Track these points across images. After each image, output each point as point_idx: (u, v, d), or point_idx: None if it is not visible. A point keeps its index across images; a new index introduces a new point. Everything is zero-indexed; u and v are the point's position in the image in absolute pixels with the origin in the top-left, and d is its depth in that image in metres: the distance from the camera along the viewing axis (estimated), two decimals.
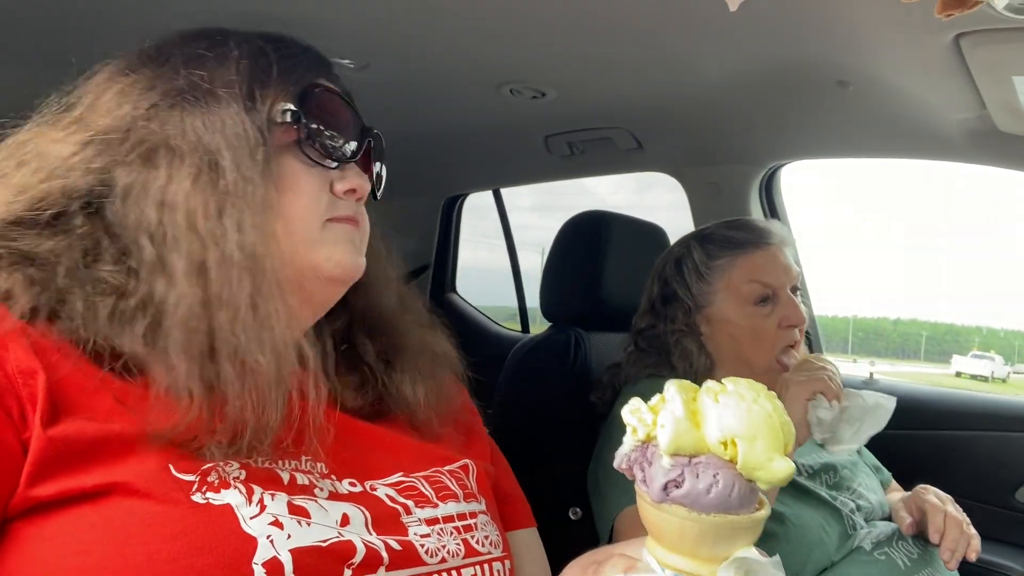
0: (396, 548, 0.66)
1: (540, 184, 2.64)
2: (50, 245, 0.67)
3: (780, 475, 0.49)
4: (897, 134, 1.75)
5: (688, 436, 0.49)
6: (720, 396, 0.50)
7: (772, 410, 0.50)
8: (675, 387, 0.52)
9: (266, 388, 0.65)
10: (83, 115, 0.72)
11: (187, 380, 0.63)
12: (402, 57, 1.59)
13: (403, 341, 0.85)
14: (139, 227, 0.67)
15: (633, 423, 0.52)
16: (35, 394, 0.59)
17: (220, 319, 0.65)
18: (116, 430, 0.60)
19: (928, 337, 66.12)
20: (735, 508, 0.48)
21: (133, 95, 0.72)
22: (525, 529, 0.90)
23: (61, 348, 0.63)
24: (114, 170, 0.69)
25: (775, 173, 2.19)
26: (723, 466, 0.49)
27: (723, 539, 0.48)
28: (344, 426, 0.75)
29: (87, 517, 0.57)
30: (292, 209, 0.72)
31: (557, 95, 1.77)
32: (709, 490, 0.48)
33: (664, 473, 0.49)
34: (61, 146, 0.70)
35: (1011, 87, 1.30)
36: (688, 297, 1.46)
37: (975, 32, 1.18)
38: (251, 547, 0.58)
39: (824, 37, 1.35)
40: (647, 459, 0.51)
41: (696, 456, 0.49)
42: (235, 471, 0.62)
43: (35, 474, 0.57)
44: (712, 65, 1.53)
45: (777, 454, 0.49)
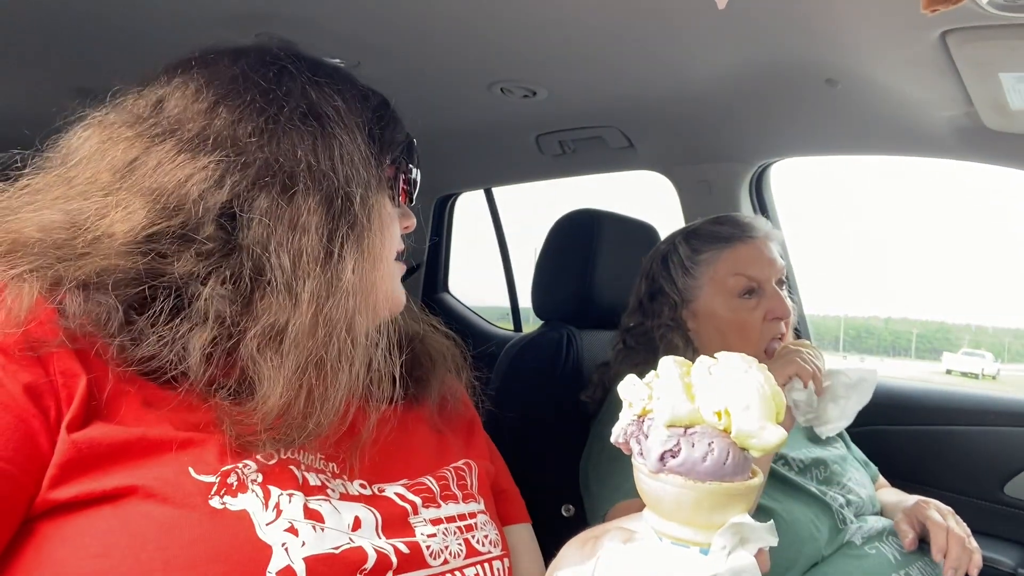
0: (404, 551, 0.67)
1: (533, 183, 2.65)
2: (187, 267, 0.66)
3: (772, 442, 0.50)
4: (885, 131, 1.76)
5: (683, 407, 0.51)
6: (713, 369, 0.52)
7: (763, 380, 0.51)
8: (670, 361, 0.54)
9: (335, 394, 0.67)
10: (176, 127, 0.70)
11: (273, 387, 0.65)
12: (392, 56, 1.59)
13: (409, 343, 0.86)
14: (267, 249, 0.68)
15: (629, 398, 0.54)
16: (72, 395, 0.60)
17: (319, 336, 0.67)
18: (139, 434, 0.60)
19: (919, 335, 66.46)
20: (729, 475, 0.50)
21: (240, 111, 0.71)
22: (520, 525, 0.91)
23: (102, 352, 0.63)
24: (244, 192, 0.69)
25: (765, 171, 2.20)
26: (717, 435, 0.50)
27: (719, 506, 0.50)
28: (356, 426, 0.76)
29: (106, 519, 0.57)
30: (386, 242, 0.78)
31: (548, 94, 1.77)
32: (704, 458, 0.50)
33: (661, 444, 0.51)
34: (178, 168, 0.68)
35: (998, 84, 1.31)
36: (674, 292, 1.48)
37: (961, 29, 1.19)
38: (266, 555, 0.59)
39: (812, 35, 1.36)
40: (643, 432, 0.52)
41: (691, 427, 0.51)
42: (253, 473, 0.63)
43: (58, 477, 0.58)
44: (702, 64, 1.54)
45: (769, 422, 0.50)
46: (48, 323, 0.61)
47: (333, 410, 0.67)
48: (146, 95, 0.74)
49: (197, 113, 0.71)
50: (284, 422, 0.65)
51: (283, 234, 0.68)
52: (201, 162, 0.68)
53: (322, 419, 0.66)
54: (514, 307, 3.01)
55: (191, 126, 0.70)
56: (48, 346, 0.60)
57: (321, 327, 0.67)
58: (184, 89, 0.72)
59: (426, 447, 0.81)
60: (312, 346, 0.66)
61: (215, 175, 0.67)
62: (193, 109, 0.71)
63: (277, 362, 0.65)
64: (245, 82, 0.72)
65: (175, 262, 0.66)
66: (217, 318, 0.65)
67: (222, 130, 0.69)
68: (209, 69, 0.74)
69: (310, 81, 0.75)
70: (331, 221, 0.70)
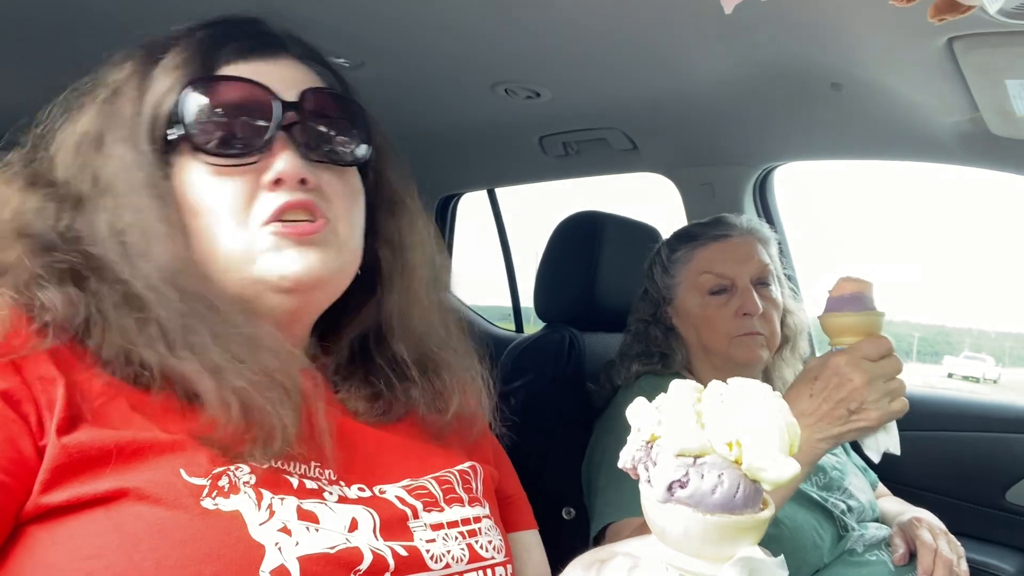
0: (402, 554, 0.66)
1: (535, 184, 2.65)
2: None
3: (785, 476, 0.48)
4: (890, 137, 1.76)
5: (693, 436, 0.49)
6: (725, 396, 0.50)
7: (778, 410, 0.50)
8: (681, 385, 0.52)
9: (275, 399, 0.65)
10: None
11: (208, 390, 0.64)
12: (397, 56, 1.58)
13: (428, 349, 0.83)
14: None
15: (637, 423, 0.52)
16: (53, 401, 0.59)
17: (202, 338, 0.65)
18: (128, 437, 0.60)
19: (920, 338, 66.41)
20: (739, 508, 0.48)
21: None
22: (527, 531, 0.90)
23: (80, 356, 0.63)
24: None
25: (769, 174, 2.20)
26: (728, 467, 0.49)
27: (727, 539, 0.48)
28: (355, 432, 0.75)
29: (98, 522, 0.57)
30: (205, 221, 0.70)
31: (552, 95, 1.77)
32: (714, 491, 0.48)
33: (669, 474, 0.49)
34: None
35: (1003, 90, 1.31)
36: (656, 291, 1.55)
37: (968, 36, 1.19)
38: (259, 554, 0.58)
39: (818, 40, 1.35)
40: (651, 459, 0.51)
41: (701, 456, 0.49)
42: (245, 476, 0.62)
43: (49, 482, 0.57)
44: (706, 66, 1.54)
45: (783, 455, 0.49)
46: (20, 328, 0.61)
47: (289, 420, 0.64)
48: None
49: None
50: (250, 434, 0.63)
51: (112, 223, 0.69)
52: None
53: (285, 429, 0.64)
54: (516, 308, 3.00)
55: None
56: (21, 352, 0.60)
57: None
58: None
59: (429, 449, 0.80)
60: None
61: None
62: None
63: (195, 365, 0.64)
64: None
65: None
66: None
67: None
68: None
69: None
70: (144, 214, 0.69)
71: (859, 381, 0.99)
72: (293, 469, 0.66)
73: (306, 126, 0.73)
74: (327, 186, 0.74)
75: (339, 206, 0.75)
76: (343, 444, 0.71)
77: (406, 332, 0.82)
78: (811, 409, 1.01)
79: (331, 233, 0.73)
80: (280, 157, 0.70)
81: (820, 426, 1.01)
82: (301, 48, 0.79)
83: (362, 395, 0.79)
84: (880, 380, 1.00)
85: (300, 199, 0.71)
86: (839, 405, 1.00)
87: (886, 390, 1.00)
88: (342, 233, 0.75)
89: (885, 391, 1.00)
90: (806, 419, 1.01)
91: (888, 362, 1.01)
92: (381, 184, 0.84)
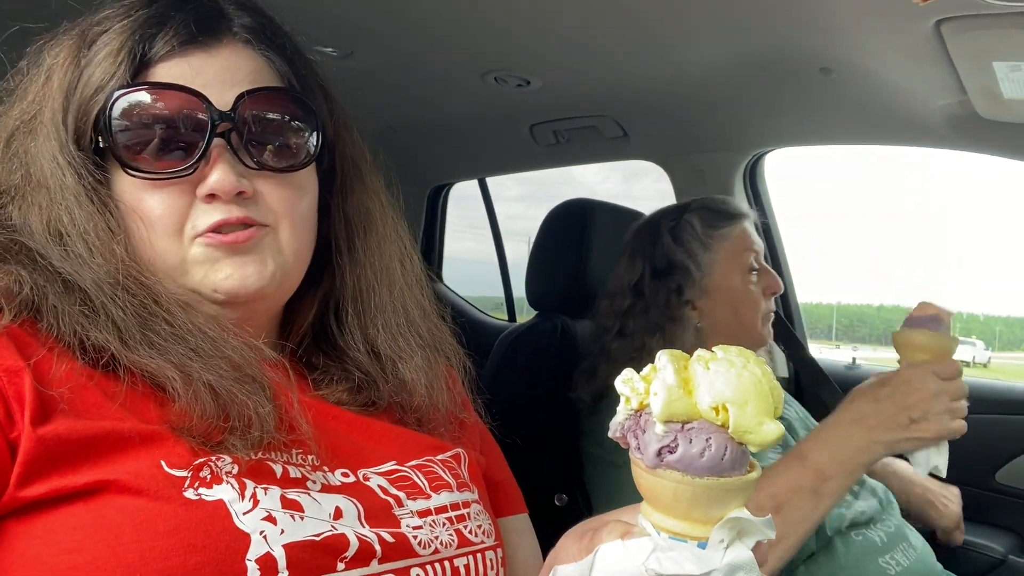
0: (389, 540, 0.66)
1: (526, 173, 2.64)
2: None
3: (770, 437, 0.50)
4: (879, 121, 1.76)
5: (680, 403, 0.50)
6: (711, 363, 0.52)
7: (761, 375, 0.51)
8: (666, 356, 0.53)
9: (247, 390, 0.64)
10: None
11: (177, 385, 0.63)
12: (386, 46, 1.58)
13: (398, 332, 0.82)
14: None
15: (626, 392, 0.53)
16: (22, 393, 0.58)
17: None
18: (107, 427, 0.59)
19: None
20: (727, 471, 0.50)
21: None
22: (517, 516, 0.90)
23: (47, 345, 0.62)
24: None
25: (759, 160, 2.20)
26: (715, 431, 0.50)
27: (716, 501, 0.50)
28: (335, 418, 0.75)
29: (79, 515, 0.57)
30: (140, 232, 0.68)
31: (542, 83, 1.76)
32: (702, 454, 0.49)
33: (658, 439, 0.50)
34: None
35: (991, 73, 1.31)
36: (694, 266, 1.46)
37: (956, 18, 1.19)
38: (244, 543, 0.58)
39: (807, 24, 1.35)
40: (640, 427, 0.52)
41: (688, 422, 0.51)
42: (228, 465, 0.62)
43: (25, 475, 0.56)
44: (696, 53, 1.53)
45: (767, 417, 0.50)
46: None
47: (265, 410, 0.63)
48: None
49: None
50: (227, 425, 0.62)
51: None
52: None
53: (262, 419, 0.63)
54: (508, 297, 3.01)
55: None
56: None
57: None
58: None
59: (412, 435, 0.79)
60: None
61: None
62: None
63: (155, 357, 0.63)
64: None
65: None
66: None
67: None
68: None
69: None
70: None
71: (927, 393, 1.02)
72: (276, 457, 0.65)
73: (243, 134, 0.69)
74: (268, 191, 0.71)
75: (281, 209, 0.72)
76: (325, 430, 0.71)
77: (365, 313, 0.81)
78: (874, 412, 1.05)
79: (270, 238, 0.71)
80: (215, 169, 0.67)
81: (880, 430, 1.04)
82: (249, 28, 0.73)
83: (344, 387, 0.78)
84: (945, 397, 1.03)
85: (236, 215, 0.68)
86: (902, 412, 1.03)
87: (949, 408, 1.04)
88: (284, 237, 0.72)
89: (948, 408, 1.04)
90: (867, 420, 1.04)
91: (956, 384, 1.05)
92: (336, 166, 0.82)
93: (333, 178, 0.81)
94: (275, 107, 0.72)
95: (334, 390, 0.77)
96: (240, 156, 0.69)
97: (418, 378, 0.80)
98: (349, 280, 0.81)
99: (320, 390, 0.77)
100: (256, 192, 0.70)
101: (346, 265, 0.81)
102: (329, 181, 0.81)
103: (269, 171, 0.71)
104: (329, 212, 0.81)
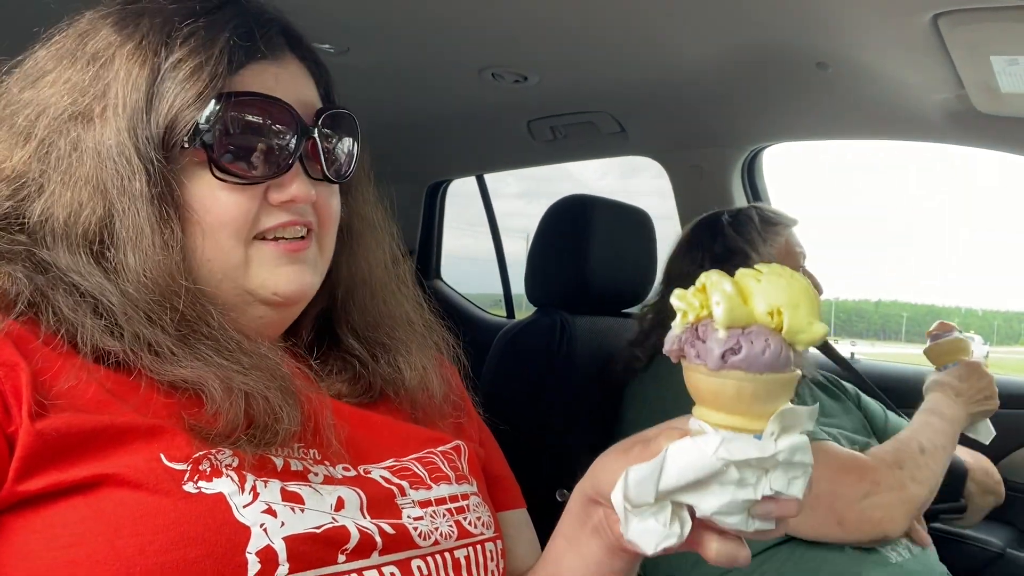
0: (389, 532, 0.66)
1: (524, 170, 2.64)
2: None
3: (819, 334, 0.57)
4: (877, 115, 1.76)
5: (740, 310, 0.56)
6: (761, 277, 0.58)
7: (806, 284, 0.58)
8: (716, 273, 0.59)
9: (279, 398, 0.65)
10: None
11: (216, 389, 0.63)
12: (383, 42, 1.58)
13: (392, 324, 0.84)
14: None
15: (682, 307, 0.59)
16: (19, 388, 0.58)
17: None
18: (106, 421, 0.59)
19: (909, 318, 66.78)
20: (783, 367, 0.56)
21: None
22: (516, 510, 0.91)
23: (46, 340, 0.62)
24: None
25: (757, 156, 2.21)
26: (771, 332, 0.56)
27: (773, 395, 0.57)
28: (337, 413, 0.75)
29: (77, 509, 0.57)
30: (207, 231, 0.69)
31: (539, 79, 1.76)
32: (764, 352, 0.56)
33: (721, 344, 0.56)
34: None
35: (988, 67, 1.31)
36: (755, 253, 1.57)
37: (953, 12, 1.19)
38: (244, 536, 0.58)
39: (804, 18, 1.35)
40: (699, 337, 0.58)
41: (748, 327, 0.57)
42: (227, 459, 0.62)
43: (23, 469, 0.56)
44: (693, 47, 1.53)
45: (815, 318, 0.57)
46: None
47: (292, 418, 0.65)
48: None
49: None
50: (253, 426, 0.63)
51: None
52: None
53: (287, 426, 0.64)
54: (507, 294, 3.01)
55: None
56: None
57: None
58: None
59: (410, 428, 0.80)
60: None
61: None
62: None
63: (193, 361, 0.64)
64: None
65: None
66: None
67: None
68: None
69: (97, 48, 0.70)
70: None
71: (987, 379, 1.49)
72: (277, 451, 0.66)
73: (318, 149, 0.74)
74: (323, 203, 0.75)
75: (327, 217, 0.76)
76: (326, 424, 0.71)
77: (360, 305, 0.83)
78: (963, 391, 1.45)
79: (317, 248, 0.76)
80: (297, 180, 0.71)
81: (971, 404, 1.45)
82: (300, 44, 0.77)
83: (343, 378, 0.79)
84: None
85: (306, 220, 0.73)
86: (979, 392, 1.46)
87: (993, 391, 1.50)
88: (326, 246, 0.77)
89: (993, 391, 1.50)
90: (961, 397, 1.44)
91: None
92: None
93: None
94: (340, 125, 0.77)
95: (333, 383, 0.78)
96: (310, 168, 0.74)
97: (413, 369, 0.81)
98: (344, 274, 0.82)
99: (320, 382, 0.78)
100: (317, 203, 0.75)
101: (342, 260, 0.82)
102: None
103: (328, 182, 0.76)
104: None
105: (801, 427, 0.58)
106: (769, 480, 0.57)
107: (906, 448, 1.31)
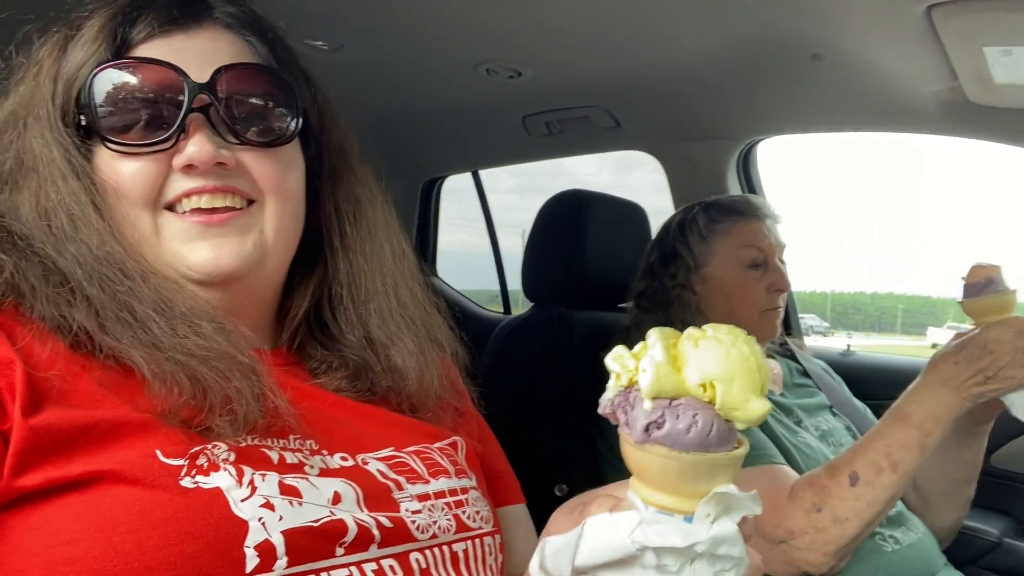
0: (387, 525, 0.66)
1: (520, 165, 2.64)
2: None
3: (756, 414, 0.51)
4: (871, 107, 1.76)
5: (668, 379, 0.51)
6: (700, 341, 0.52)
7: (749, 353, 0.52)
8: (656, 334, 0.54)
9: (223, 369, 0.64)
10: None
11: (156, 364, 0.63)
12: (376, 38, 1.57)
13: (391, 317, 0.83)
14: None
15: (616, 369, 0.54)
16: (13, 384, 0.58)
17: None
18: (100, 416, 0.59)
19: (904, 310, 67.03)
20: (713, 446, 0.51)
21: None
22: (515, 505, 0.91)
23: (37, 334, 0.62)
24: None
25: (752, 149, 2.21)
26: (702, 407, 0.51)
27: (703, 476, 0.51)
28: (333, 405, 0.75)
29: (74, 506, 0.57)
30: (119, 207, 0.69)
31: (533, 74, 1.76)
32: (688, 430, 0.50)
33: (646, 415, 0.51)
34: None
35: (982, 58, 1.31)
36: (689, 256, 1.57)
37: (946, 3, 1.19)
38: (242, 530, 0.58)
39: (798, 10, 1.35)
40: (629, 403, 0.53)
41: (676, 399, 0.51)
42: (224, 453, 0.62)
43: (18, 465, 0.56)
44: (687, 40, 1.53)
45: (753, 395, 0.51)
46: None
47: (245, 387, 0.64)
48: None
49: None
50: (207, 405, 0.62)
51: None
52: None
53: (243, 397, 0.63)
54: (503, 290, 3.01)
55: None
56: None
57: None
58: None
59: (410, 422, 0.80)
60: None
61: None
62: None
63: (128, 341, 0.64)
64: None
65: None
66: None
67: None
68: None
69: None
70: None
71: (1002, 351, 1.16)
72: (271, 444, 0.66)
73: (222, 107, 0.70)
74: (252, 164, 0.72)
75: (267, 183, 0.72)
76: (324, 416, 0.71)
77: (358, 299, 0.81)
78: (955, 374, 1.18)
79: (253, 216, 0.72)
80: (192, 140, 0.68)
81: (963, 388, 1.18)
82: (230, 14, 0.75)
83: (343, 374, 0.78)
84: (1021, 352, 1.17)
85: (215, 184, 0.69)
86: (979, 373, 1.17)
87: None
88: (269, 211, 0.73)
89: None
90: (952, 382, 1.18)
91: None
92: (323, 152, 0.82)
93: (321, 164, 0.82)
94: (254, 83, 0.73)
95: (332, 378, 0.78)
96: (220, 130, 0.70)
97: (409, 363, 0.81)
98: (342, 266, 0.82)
99: (318, 378, 0.78)
100: (240, 164, 0.71)
101: (338, 252, 0.81)
102: (317, 167, 0.81)
103: (251, 145, 0.71)
104: (319, 200, 0.82)
105: (744, 511, 0.52)
106: (693, 570, 0.51)
107: (833, 482, 1.15)
